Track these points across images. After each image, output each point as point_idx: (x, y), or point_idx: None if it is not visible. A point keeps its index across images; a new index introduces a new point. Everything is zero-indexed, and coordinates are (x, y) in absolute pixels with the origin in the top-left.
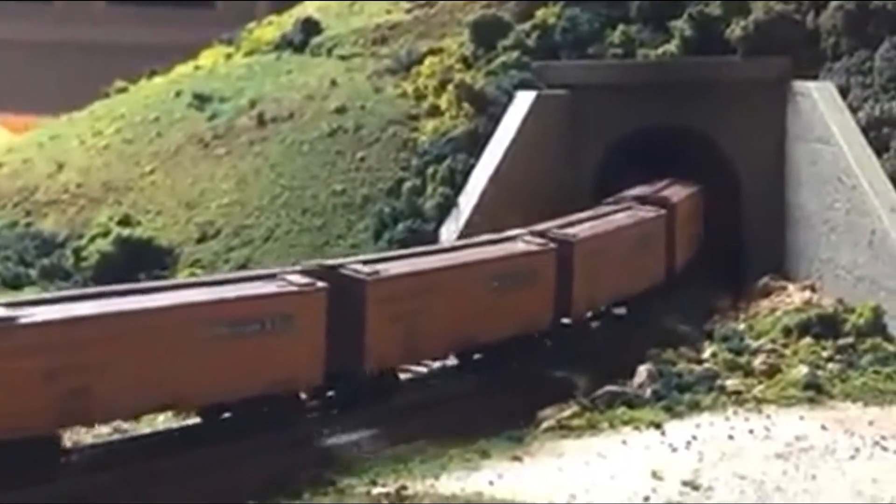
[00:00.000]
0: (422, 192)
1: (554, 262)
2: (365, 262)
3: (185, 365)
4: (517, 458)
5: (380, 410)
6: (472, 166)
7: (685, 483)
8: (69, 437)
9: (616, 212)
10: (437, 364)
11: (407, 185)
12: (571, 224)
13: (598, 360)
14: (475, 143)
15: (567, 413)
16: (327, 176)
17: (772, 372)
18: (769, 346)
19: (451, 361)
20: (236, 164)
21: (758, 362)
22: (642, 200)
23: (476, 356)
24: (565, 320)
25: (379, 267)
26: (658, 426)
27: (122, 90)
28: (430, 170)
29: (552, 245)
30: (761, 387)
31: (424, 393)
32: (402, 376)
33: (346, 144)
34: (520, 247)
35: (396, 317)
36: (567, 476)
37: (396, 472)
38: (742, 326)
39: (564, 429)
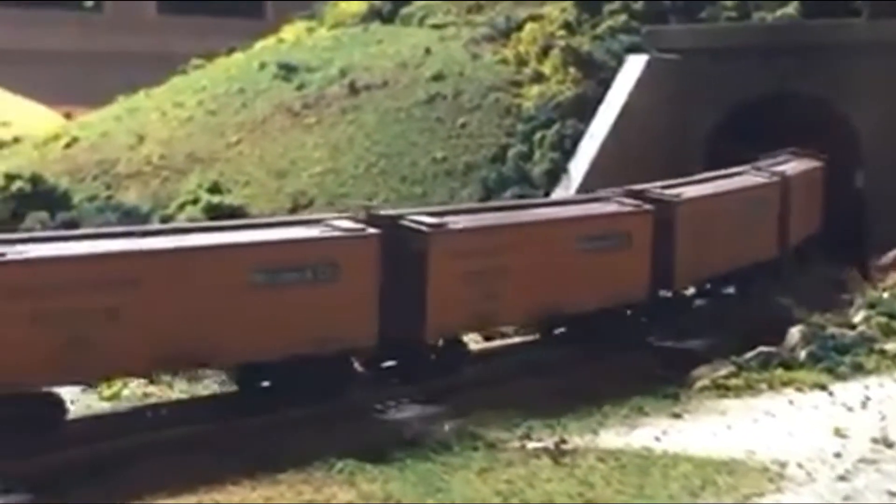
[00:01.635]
0: (529, 158)
1: (778, 195)
2: (664, 187)
3: (561, 275)
4: (677, 416)
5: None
6: (582, 132)
7: (875, 440)
8: None
9: (787, 161)
10: None
11: (513, 150)
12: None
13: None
14: (584, 108)
15: (722, 372)
16: (426, 143)
17: None
18: None
19: None
20: (328, 132)
21: None
22: (796, 154)
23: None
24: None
25: (679, 191)
26: (823, 387)
27: (200, 66)
28: (538, 135)
29: (776, 178)
30: None
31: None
32: None
33: (445, 111)
34: (754, 179)
35: (694, 237)
36: (738, 433)
37: (550, 427)
38: (886, 295)
39: (720, 388)
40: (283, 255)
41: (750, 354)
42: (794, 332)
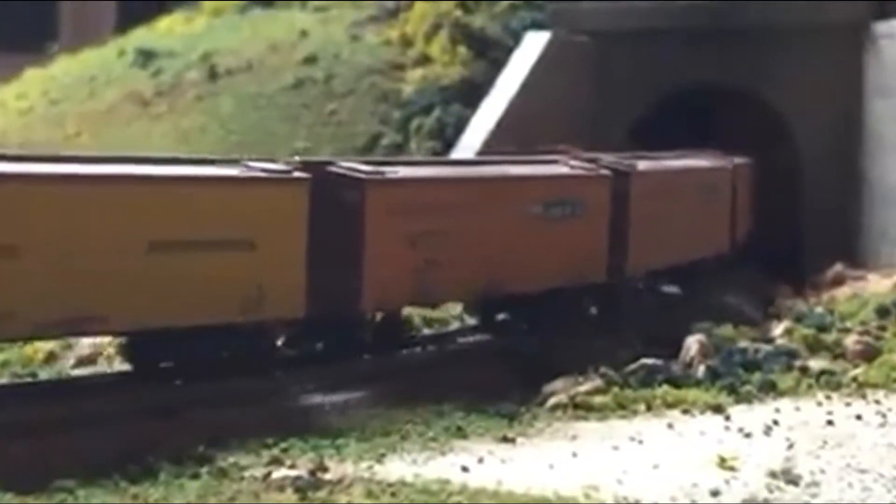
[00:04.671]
0: (403, 149)
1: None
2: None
3: (689, 223)
4: (507, 440)
5: None
6: (467, 118)
7: (774, 474)
8: None
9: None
10: None
11: (384, 140)
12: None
13: None
14: (472, 93)
15: (585, 388)
16: (288, 132)
17: (871, 354)
18: (860, 327)
19: None
20: (178, 121)
21: (850, 341)
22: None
23: None
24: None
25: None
26: (719, 409)
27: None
28: (415, 123)
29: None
30: (859, 370)
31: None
32: None
33: (314, 97)
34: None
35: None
36: (584, 464)
37: (317, 449)
38: (819, 309)
39: (580, 408)
40: (557, 189)
41: (630, 367)
42: (692, 343)
